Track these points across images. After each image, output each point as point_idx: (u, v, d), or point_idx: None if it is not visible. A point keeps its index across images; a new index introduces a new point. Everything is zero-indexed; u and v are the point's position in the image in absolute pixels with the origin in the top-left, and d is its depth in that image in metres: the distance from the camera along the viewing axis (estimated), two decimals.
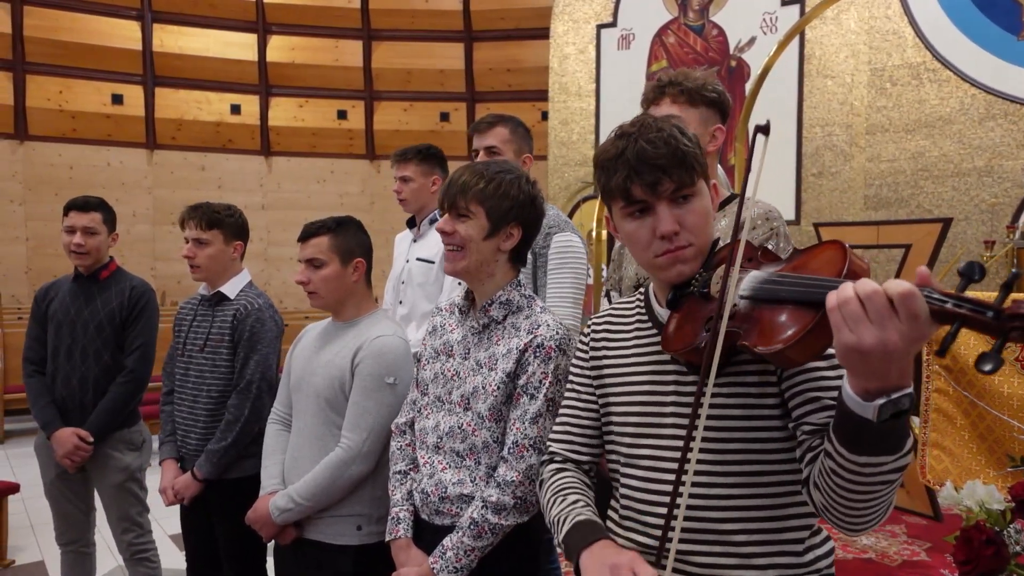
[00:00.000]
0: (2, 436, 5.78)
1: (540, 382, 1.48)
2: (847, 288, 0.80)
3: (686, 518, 1.06)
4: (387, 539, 1.62)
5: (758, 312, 0.96)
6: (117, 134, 10.02)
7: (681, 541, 1.07)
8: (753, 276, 0.98)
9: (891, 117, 6.39)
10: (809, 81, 6.84)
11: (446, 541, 1.49)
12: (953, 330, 0.77)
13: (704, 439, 1.05)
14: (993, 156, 5.90)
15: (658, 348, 1.14)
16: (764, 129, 1.01)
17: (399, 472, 1.67)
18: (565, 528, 1.15)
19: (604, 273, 5.98)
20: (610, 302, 1.94)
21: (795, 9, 6.92)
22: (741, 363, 1.06)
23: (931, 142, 6.19)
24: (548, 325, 1.51)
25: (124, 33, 9.99)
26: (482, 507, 1.47)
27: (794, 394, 1.02)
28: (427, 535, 1.57)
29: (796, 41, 6.58)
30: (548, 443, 1.33)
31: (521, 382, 1.49)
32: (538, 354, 1.48)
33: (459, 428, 1.54)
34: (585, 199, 7.57)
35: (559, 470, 1.28)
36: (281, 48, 10.61)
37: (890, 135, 6.40)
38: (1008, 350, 3.09)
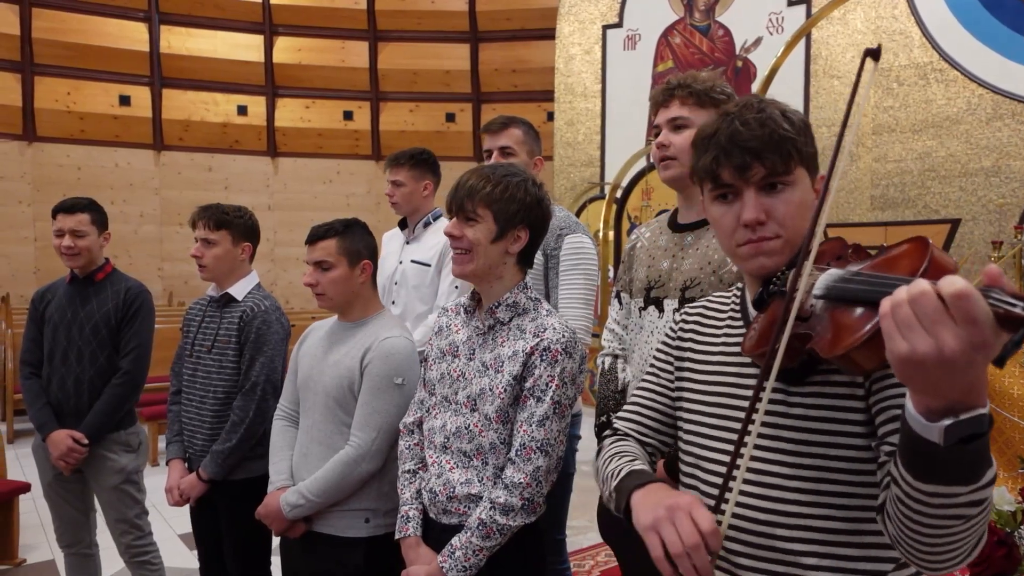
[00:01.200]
0: (12, 436, 5.81)
1: (547, 385, 1.49)
2: (900, 292, 0.71)
3: (752, 532, 0.99)
4: (397, 536, 1.64)
5: (831, 313, 0.88)
6: (125, 135, 10.07)
7: (743, 555, 1.00)
8: (829, 274, 0.89)
9: (898, 117, 6.38)
10: (816, 81, 6.83)
11: (455, 540, 1.51)
12: (1016, 338, 0.66)
13: (778, 451, 0.98)
14: (1001, 156, 5.87)
15: None
16: (875, 53, 0.90)
17: (408, 471, 1.69)
18: (619, 476, 1.07)
19: (611, 274, 5.97)
20: (620, 304, 1.93)
21: (801, 9, 6.90)
22: (827, 372, 0.97)
23: (938, 142, 6.17)
24: (554, 328, 1.52)
25: (132, 35, 10.04)
26: (490, 508, 1.49)
27: (880, 409, 0.92)
28: (435, 533, 1.59)
29: (803, 41, 6.57)
30: (615, 419, 1.25)
31: (528, 385, 1.50)
32: (544, 357, 1.50)
33: (466, 429, 1.55)
34: (591, 200, 7.56)
35: (619, 439, 1.20)
36: (287, 49, 10.65)
37: (897, 135, 6.38)
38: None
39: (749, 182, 1.00)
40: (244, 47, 10.48)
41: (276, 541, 2.08)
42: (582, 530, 4.00)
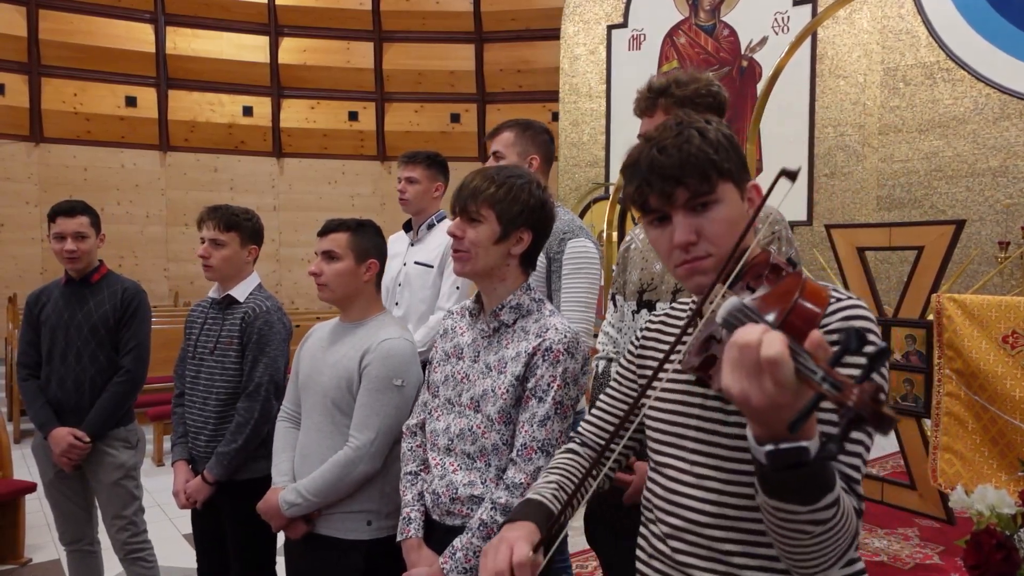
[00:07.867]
0: (18, 436, 5.84)
1: (548, 385, 1.50)
2: (740, 333, 0.78)
3: (694, 533, 1.05)
4: (398, 539, 1.64)
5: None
6: (131, 136, 10.13)
7: (682, 552, 1.06)
8: (730, 303, 0.89)
9: (904, 117, 6.36)
10: (821, 81, 6.82)
11: (456, 542, 1.51)
12: (807, 406, 0.71)
13: (717, 456, 1.04)
14: (1008, 156, 5.85)
15: None
16: (791, 175, 0.94)
17: (410, 473, 1.69)
18: (525, 497, 1.19)
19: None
20: (615, 306, 1.93)
21: (807, 9, 6.89)
22: None
23: (945, 142, 6.15)
24: (557, 329, 1.53)
25: (138, 36, 10.10)
26: (491, 509, 1.49)
27: None
28: (438, 535, 1.59)
29: (808, 41, 6.55)
30: (580, 424, 1.32)
31: (530, 385, 1.51)
32: (547, 357, 1.50)
33: (469, 430, 1.55)
34: (596, 200, 7.57)
35: (566, 450, 1.29)
36: (293, 50, 10.69)
37: (903, 135, 6.36)
38: (1022, 353, 3.07)
39: (675, 206, 1.02)
40: (249, 48, 10.53)
41: (281, 541, 2.09)
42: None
